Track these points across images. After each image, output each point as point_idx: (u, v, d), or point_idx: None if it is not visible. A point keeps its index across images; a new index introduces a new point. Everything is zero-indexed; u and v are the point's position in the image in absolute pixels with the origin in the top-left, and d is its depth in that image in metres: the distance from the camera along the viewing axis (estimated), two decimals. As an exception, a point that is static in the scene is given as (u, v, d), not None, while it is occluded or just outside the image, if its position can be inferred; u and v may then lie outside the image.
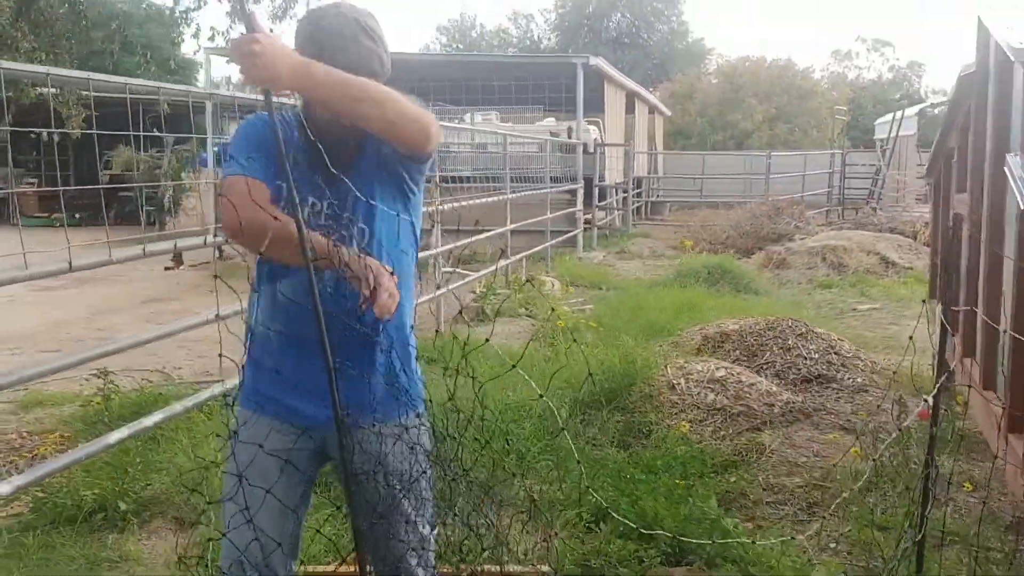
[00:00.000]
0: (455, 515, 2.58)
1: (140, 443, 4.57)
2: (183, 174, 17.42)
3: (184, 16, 9.25)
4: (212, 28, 9.29)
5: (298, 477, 2.39)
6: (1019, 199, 3.35)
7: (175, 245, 4.82)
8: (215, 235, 4.92)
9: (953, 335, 5.69)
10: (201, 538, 3.76)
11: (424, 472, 2.41)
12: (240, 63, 1.97)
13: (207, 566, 3.22)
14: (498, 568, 2.82)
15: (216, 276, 2.43)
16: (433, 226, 8.29)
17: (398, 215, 2.38)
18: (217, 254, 14.39)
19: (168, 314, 10.22)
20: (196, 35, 9.56)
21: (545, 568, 3.35)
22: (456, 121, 17.16)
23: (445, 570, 2.63)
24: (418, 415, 2.43)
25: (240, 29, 2.08)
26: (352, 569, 3.04)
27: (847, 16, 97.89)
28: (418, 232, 2.51)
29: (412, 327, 2.44)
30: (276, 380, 2.34)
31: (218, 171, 17.41)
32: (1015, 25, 4.01)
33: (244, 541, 2.29)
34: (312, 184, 2.30)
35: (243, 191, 2.18)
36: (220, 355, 2.41)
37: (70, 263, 3.40)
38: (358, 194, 2.27)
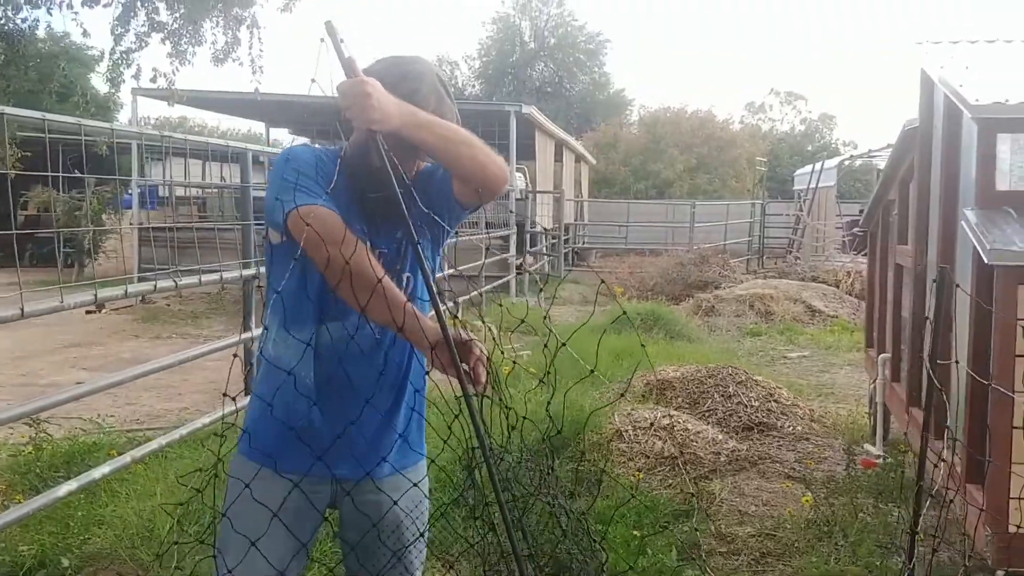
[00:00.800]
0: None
1: (82, 495, 4.34)
2: (103, 216, 17.00)
3: (124, 57, 9.06)
4: (154, 69, 9.12)
5: (308, 526, 2.33)
6: (979, 252, 3.41)
7: (95, 296, 4.49)
8: (137, 280, 4.75)
9: (896, 383, 5.78)
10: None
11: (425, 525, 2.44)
12: (352, 104, 2.02)
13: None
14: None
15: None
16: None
17: (433, 264, 2.37)
18: (140, 299, 14.01)
19: (92, 359, 9.87)
20: (137, 76, 9.37)
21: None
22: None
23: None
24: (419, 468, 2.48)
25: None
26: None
27: (760, 69, 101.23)
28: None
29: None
30: (290, 432, 2.23)
31: (144, 212, 17.08)
32: (963, 78, 4.12)
33: None
34: (369, 229, 2.26)
35: (334, 223, 2.07)
36: (227, 397, 2.28)
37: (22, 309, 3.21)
38: (414, 241, 2.18)
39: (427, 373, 2.35)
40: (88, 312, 13.06)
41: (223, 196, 17.67)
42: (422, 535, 2.38)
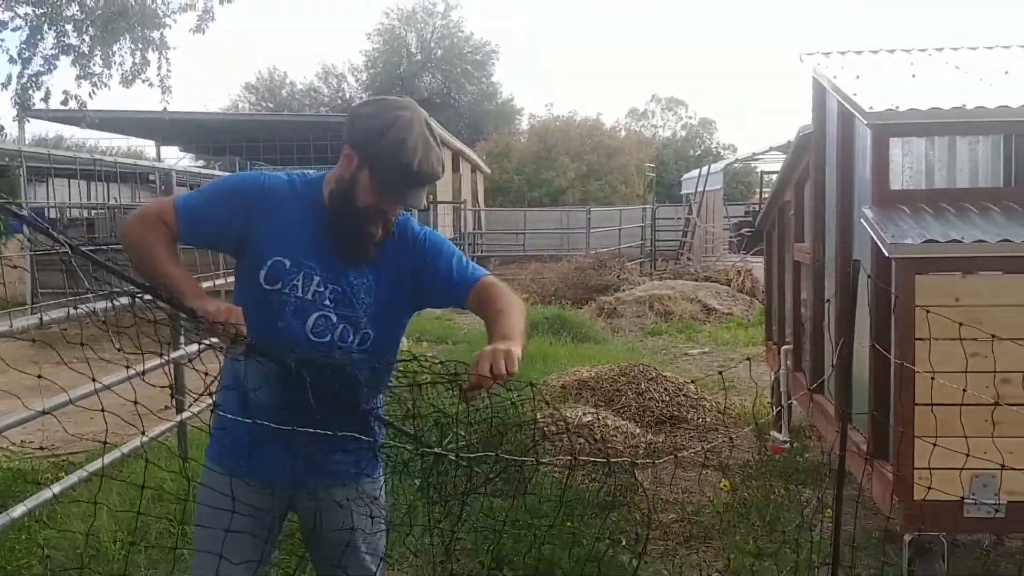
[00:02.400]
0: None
1: (25, 519, 4.32)
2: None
3: (33, 81, 8.87)
4: (65, 92, 8.95)
5: (270, 535, 2.51)
6: (880, 246, 3.75)
7: None
8: (31, 309, 4.72)
9: (798, 372, 6.16)
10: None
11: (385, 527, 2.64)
12: (508, 369, 2.27)
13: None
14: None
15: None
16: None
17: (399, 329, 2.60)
18: (37, 323, 13.59)
19: (-8, 386, 9.58)
20: (46, 99, 9.14)
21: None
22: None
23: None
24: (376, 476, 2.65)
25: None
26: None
27: (641, 74, 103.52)
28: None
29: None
30: (254, 443, 2.38)
31: (32, 238, 16.56)
32: (855, 87, 4.48)
33: None
34: (326, 265, 2.41)
35: (157, 210, 2.39)
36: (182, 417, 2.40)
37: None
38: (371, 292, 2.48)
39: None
40: (-22, 339, 12.63)
41: (114, 217, 17.27)
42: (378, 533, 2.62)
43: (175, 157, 27.01)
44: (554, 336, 11.27)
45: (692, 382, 7.99)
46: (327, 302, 2.41)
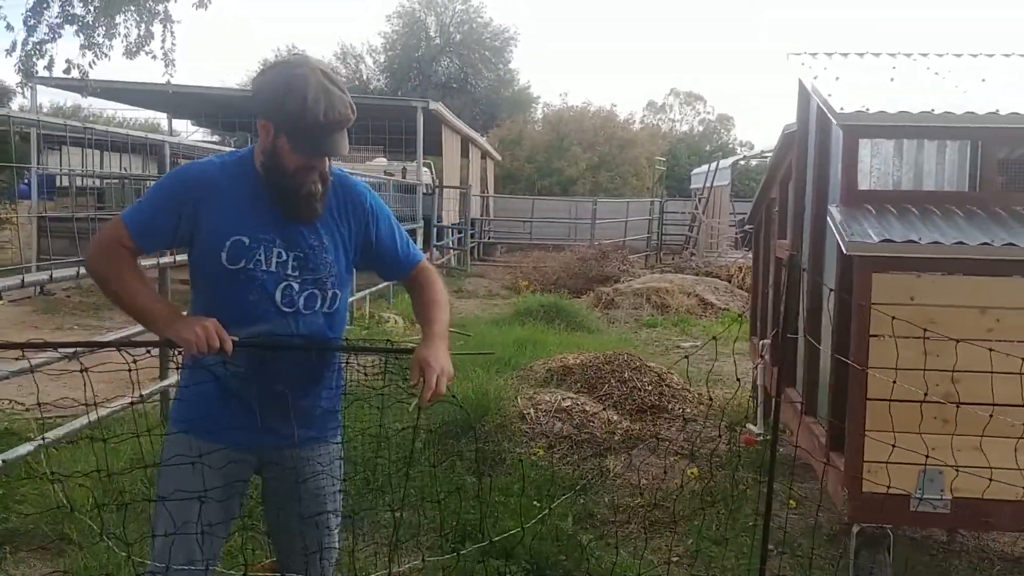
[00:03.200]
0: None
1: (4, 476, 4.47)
2: (-2, 205, 16.61)
3: (37, 49, 9.01)
4: (68, 61, 9.09)
5: (238, 494, 2.64)
6: (840, 244, 3.85)
7: None
8: (35, 270, 4.85)
9: (774, 367, 6.25)
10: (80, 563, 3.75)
11: (342, 488, 2.76)
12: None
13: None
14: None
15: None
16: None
17: (351, 283, 2.74)
18: (38, 290, 13.76)
19: (-9, 348, 9.75)
20: (49, 67, 9.30)
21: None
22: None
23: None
24: (338, 440, 2.79)
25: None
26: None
27: (661, 68, 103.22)
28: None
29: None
30: (226, 408, 2.53)
31: (41, 202, 16.74)
32: (832, 88, 4.57)
33: (183, 552, 2.50)
34: (282, 234, 2.52)
35: (111, 236, 2.45)
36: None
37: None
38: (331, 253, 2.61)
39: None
40: (-16, 302, 12.83)
41: (124, 186, 17.43)
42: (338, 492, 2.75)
43: (187, 131, 27.20)
44: (547, 324, 11.38)
45: (670, 370, 8.07)
46: (290, 271, 2.52)
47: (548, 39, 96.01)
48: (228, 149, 7.51)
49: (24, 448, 3.93)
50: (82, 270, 4.61)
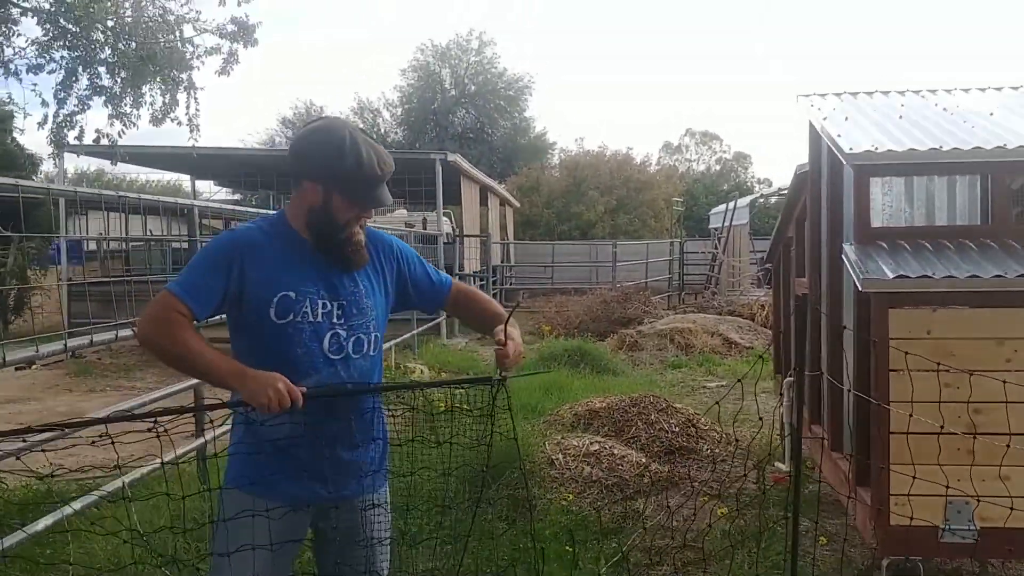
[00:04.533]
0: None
1: (49, 535, 4.57)
2: (28, 272, 16.91)
3: (68, 120, 9.34)
4: (97, 131, 9.46)
5: (294, 548, 2.75)
6: (856, 281, 3.93)
7: (36, 350, 4.57)
8: (67, 335, 4.93)
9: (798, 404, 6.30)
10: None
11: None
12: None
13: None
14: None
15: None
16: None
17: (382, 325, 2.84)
18: (69, 353, 13.99)
19: (28, 414, 9.92)
20: (80, 137, 9.63)
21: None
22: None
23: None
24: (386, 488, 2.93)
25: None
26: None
27: (675, 108, 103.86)
28: None
29: None
30: (282, 464, 2.64)
31: (70, 267, 17.04)
32: (841, 128, 4.68)
33: None
34: (325, 285, 2.66)
35: (164, 305, 2.52)
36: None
37: None
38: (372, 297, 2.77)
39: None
40: (18, 368, 13.04)
41: (150, 249, 17.74)
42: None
43: (209, 191, 27.62)
44: (573, 368, 11.45)
45: (696, 411, 8.11)
46: (335, 319, 2.67)
47: (562, 85, 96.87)
48: (253, 208, 7.74)
49: (67, 510, 4.03)
50: (121, 332, 4.71)
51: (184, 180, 25.96)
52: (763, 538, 5.30)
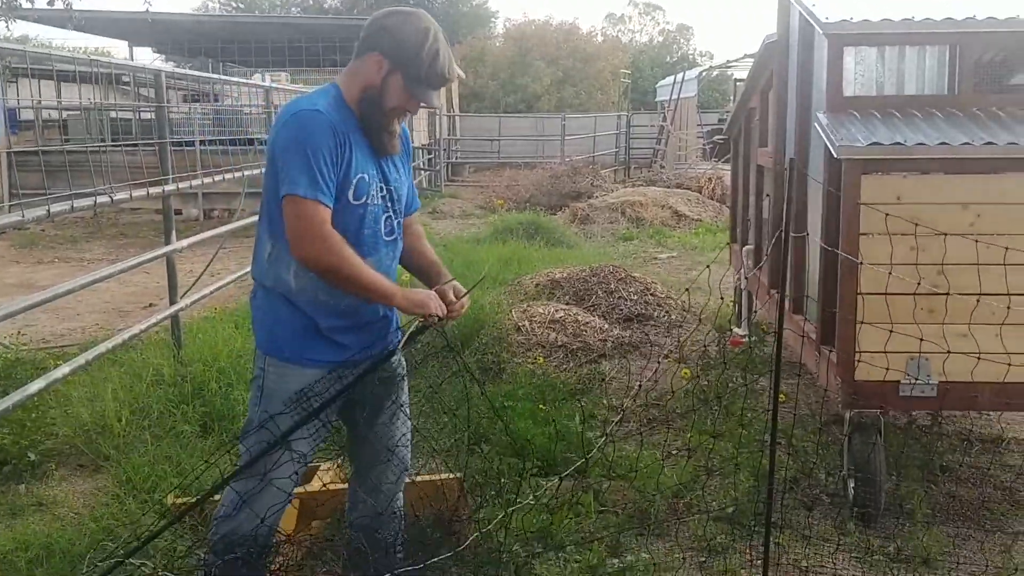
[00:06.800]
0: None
1: (35, 399, 4.63)
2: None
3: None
4: None
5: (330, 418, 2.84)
6: (830, 148, 4.06)
7: None
8: (8, 208, 4.84)
9: (759, 270, 6.51)
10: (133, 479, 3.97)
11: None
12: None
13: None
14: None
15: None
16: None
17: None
18: (17, 220, 13.71)
19: (-24, 286, 9.82)
20: (51, 3, 9.19)
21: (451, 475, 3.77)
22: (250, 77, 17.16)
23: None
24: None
25: None
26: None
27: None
28: None
29: None
30: (336, 335, 2.73)
31: (10, 134, 16.45)
32: None
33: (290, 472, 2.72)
34: (376, 168, 2.72)
35: (321, 222, 2.54)
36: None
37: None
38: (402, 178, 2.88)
39: None
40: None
41: (89, 117, 17.22)
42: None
43: (149, 58, 26.66)
44: (528, 240, 11.59)
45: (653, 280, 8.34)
46: (388, 203, 2.76)
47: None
48: (193, 73, 7.54)
49: (56, 374, 4.09)
50: (55, 207, 4.54)
51: (114, 46, 24.97)
52: (724, 397, 5.57)
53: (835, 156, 4.01)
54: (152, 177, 5.21)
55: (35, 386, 3.77)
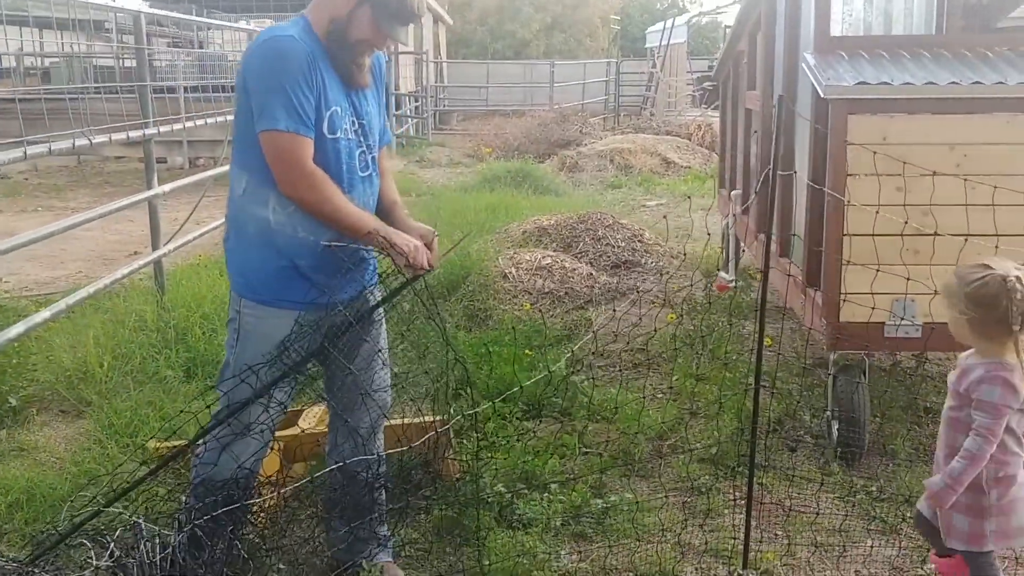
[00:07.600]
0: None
1: (16, 344, 4.60)
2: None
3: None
4: None
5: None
6: (817, 88, 4.01)
7: None
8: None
9: (745, 216, 6.49)
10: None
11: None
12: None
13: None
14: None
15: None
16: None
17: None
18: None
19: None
20: None
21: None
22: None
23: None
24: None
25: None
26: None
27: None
28: None
29: None
30: (314, 274, 2.67)
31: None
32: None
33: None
34: (348, 101, 2.65)
35: (301, 156, 2.50)
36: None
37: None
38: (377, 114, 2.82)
39: None
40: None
41: (71, 64, 16.98)
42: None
43: (134, 3, 26.21)
44: (516, 188, 11.53)
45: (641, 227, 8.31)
46: (360, 137, 2.69)
47: None
48: (180, 16, 7.41)
49: (36, 318, 4.05)
50: (31, 149, 4.42)
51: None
52: (709, 340, 5.58)
53: (822, 96, 3.97)
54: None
55: (15, 330, 3.74)
